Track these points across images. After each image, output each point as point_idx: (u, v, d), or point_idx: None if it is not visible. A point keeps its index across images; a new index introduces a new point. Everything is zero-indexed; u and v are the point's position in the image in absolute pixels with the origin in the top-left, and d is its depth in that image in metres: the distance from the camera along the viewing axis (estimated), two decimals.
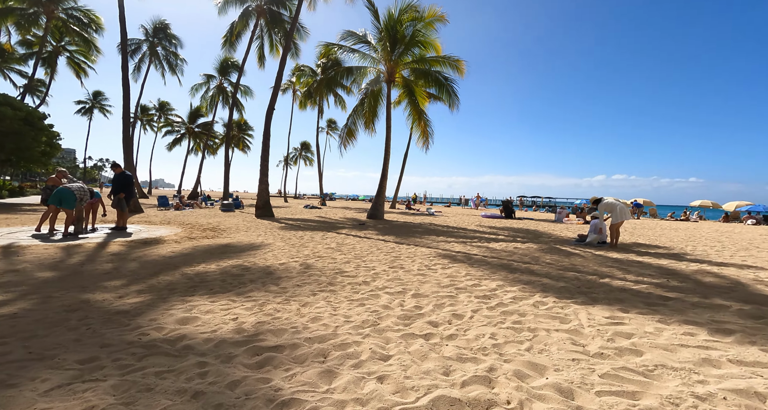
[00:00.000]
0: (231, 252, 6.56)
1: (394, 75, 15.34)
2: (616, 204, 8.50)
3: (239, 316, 3.19)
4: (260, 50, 23.67)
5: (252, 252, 6.59)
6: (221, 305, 3.52)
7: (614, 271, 5.65)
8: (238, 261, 5.71)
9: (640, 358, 2.47)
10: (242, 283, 4.40)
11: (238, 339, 2.66)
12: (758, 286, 4.82)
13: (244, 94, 33.69)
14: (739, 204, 24.56)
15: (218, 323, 3.01)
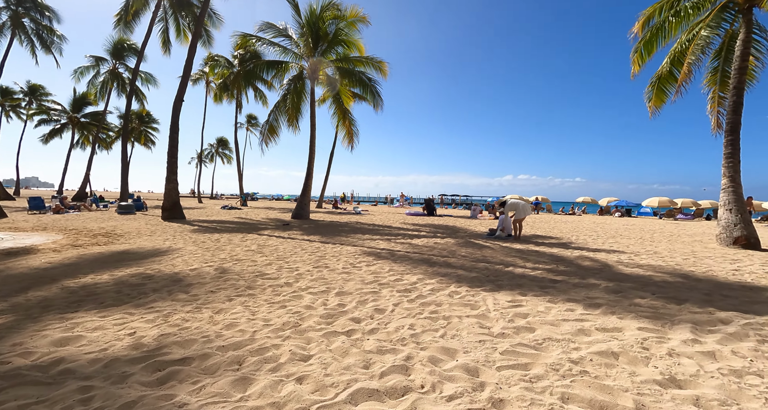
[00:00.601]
0: (129, 259, 5.76)
1: (317, 72, 15.07)
2: (519, 203, 9.61)
3: (138, 330, 2.82)
4: (164, 34, 21.15)
5: (157, 258, 5.88)
6: (114, 319, 3.07)
7: (517, 260, 6.38)
8: (138, 269, 5.04)
9: (532, 334, 2.85)
10: (143, 293, 3.90)
11: (136, 356, 2.36)
12: (619, 267, 5.91)
13: (146, 82, 29.71)
14: (610, 200, 29.73)
15: (110, 340, 2.63)
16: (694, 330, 2.98)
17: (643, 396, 1.95)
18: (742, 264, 6.32)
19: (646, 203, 27.93)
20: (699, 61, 9.74)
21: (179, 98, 13.24)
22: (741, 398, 1.96)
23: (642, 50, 10.31)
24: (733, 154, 8.82)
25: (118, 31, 20.46)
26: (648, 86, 10.66)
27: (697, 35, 9.50)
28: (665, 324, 3.12)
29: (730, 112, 8.98)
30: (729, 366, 2.33)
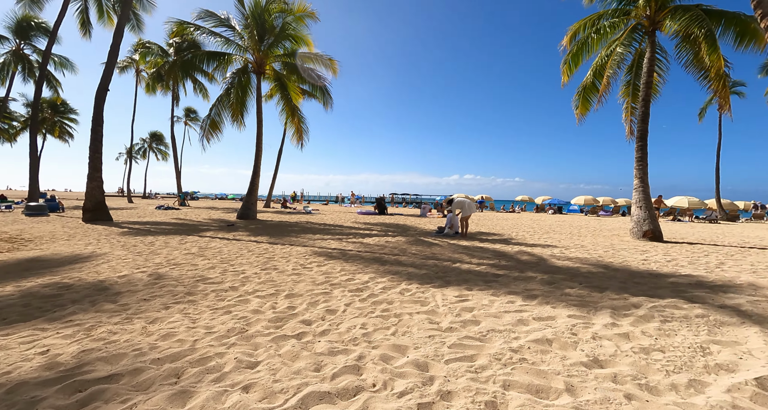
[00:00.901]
0: (41, 267, 5.06)
1: (264, 67, 14.43)
2: (465, 201, 10.09)
3: (52, 348, 2.48)
4: (83, 15, 18.83)
5: (77, 265, 5.23)
6: (21, 338, 2.68)
7: (463, 256, 6.69)
8: (53, 278, 4.44)
9: (477, 327, 3.01)
10: (59, 305, 3.44)
11: (49, 377, 2.07)
12: (553, 260, 6.48)
13: (60, 67, 26.11)
14: (544, 198, 32.42)
15: (15, 361, 2.28)
16: (612, 315, 3.36)
17: (572, 378, 2.15)
18: (649, 255, 7.27)
19: (574, 201, 30.91)
20: (616, 75, 11.01)
21: (103, 87, 11.88)
22: (648, 372, 2.25)
23: (570, 62, 11.38)
24: (642, 158, 10.10)
25: (23, 7, 17.79)
26: (575, 95, 11.80)
27: (613, 52, 10.71)
28: (590, 311, 3.48)
29: (639, 121, 10.26)
30: (639, 345, 2.66)
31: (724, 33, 9.39)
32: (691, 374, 2.23)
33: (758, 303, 3.83)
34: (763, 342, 2.72)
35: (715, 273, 5.51)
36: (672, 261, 6.53)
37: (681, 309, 3.59)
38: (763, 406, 1.88)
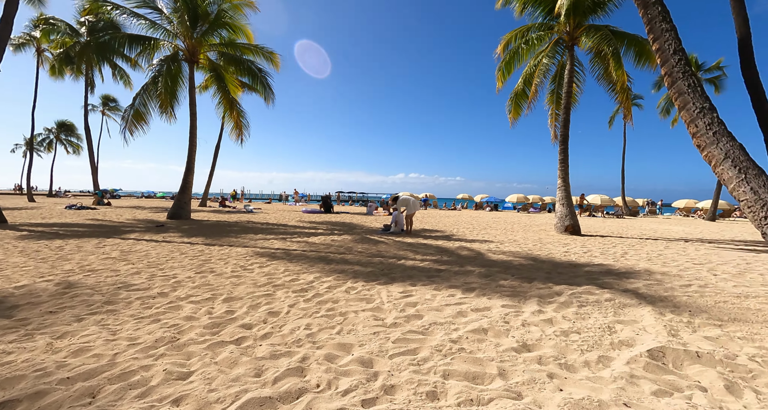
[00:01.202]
0: None
1: (197, 55, 13.35)
2: (410, 199, 10.37)
3: None
4: None
5: None
6: None
7: (408, 253, 6.87)
8: None
9: (420, 321, 3.12)
10: None
11: None
12: (489, 254, 6.94)
13: None
14: (482, 196, 34.57)
15: None
16: (539, 303, 3.70)
17: (504, 363, 2.33)
18: (570, 247, 8.13)
19: (508, 199, 33.42)
20: (542, 84, 12.11)
21: None
22: (567, 352, 2.53)
23: (503, 69, 12.27)
24: (564, 160, 11.24)
25: None
26: (508, 100, 12.74)
27: (540, 62, 11.77)
28: (521, 300, 3.80)
29: (561, 126, 11.41)
30: (560, 328, 2.97)
31: (627, 52, 10.84)
32: (600, 351, 2.55)
33: (651, 286, 4.50)
34: (654, 319, 3.20)
35: (620, 262, 6.34)
36: (588, 252, 7.38)
37: (594, 294, 4.07)
38: (652, 373, 2.22)
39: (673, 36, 4.14)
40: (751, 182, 3.45)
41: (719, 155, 3.67)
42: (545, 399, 1.90)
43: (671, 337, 2.77)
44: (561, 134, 11.37)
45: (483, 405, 1.84)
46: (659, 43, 4.24)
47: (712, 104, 3.90)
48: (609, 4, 10.88)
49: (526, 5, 11.61)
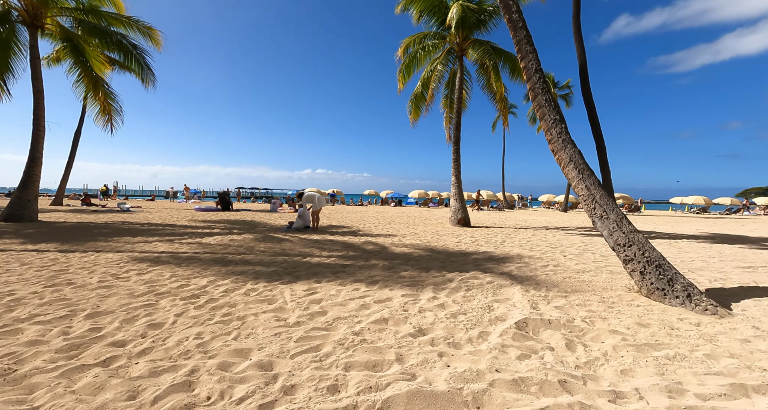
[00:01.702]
0: None
1: (42, 19, 10.69)
2: (315, 195, 10.22)
3: None
4: None
5: None
6: None
7: (314, 250, 6.78)
8: None
9: (324, 317, 3.13)
10: None
11: None
12: (392, 247, 7.32)
13: None
14: (388, 192, 36.12)
15: None
16: (434, 290, 4.07)
17: (401, 348, 2.51)
18: (461, 238, 9.11)
19: (411, 194, 35.63)
20: (438, 88, 13.23)
21: None
22: (455, 331, 2.85)
23: (404, 72, 13.00)
24: (457, 159, 12.50)
25: None
26: (409, 102, 13.56)
27: (435, 68, 12.83)
28: (419, 289, 4.11)
29: (454, 128, 12.65)
30: (450, 311, 3.33)
31: (504, 66, 12.57)
32: (481, 327, 2.94)
33: (521, 268, 5.37)
34: (522, 296, 3.83)
35: (499, 249, 7.38)
36: (475, 242, 8.38)
37: (478, 278, 4.66)
38: (518, 341, 2.66)
39: (535, 57, 4.98)
40: (585, 181, 4.41)
41: (566, 159, 4.59)
42: (435, 376, 2.12)
43: (532, 309, 3.35)
44: (454, 136, 12.59)
45: (381, 391, 1.95)
46: (525, 62, 5.05)
47: (563, 116, 4.81)
48: (489, 23, 12.43)
49: (423, 13, 12.46)
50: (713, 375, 2.18)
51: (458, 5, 10.66)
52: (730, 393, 1.97)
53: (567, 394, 1.94)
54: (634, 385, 2.05)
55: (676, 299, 3.57)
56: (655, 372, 2.22)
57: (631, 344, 2.61)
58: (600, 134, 10.38)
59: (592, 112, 10.34)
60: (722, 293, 4.12)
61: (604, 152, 10.40)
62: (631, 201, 30.96)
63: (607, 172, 10.40)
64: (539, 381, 2.06)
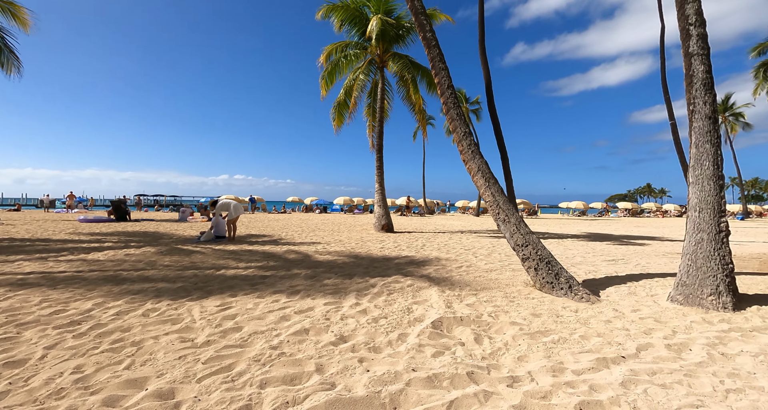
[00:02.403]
0: None
1: None
2: (231, 203, 9.51)
3: None
4: None
5: None
6: None
7: (229, 262, 6.29)
8: None
9: (239, 333, 2.92)
10: None
11: None
12: (316, 255, 7.18)
13: None
14: (312, 199, 35.38)
15: None
16: (357, 296, 4.10)
17: (322, 358, 2.47)
18: (385, 243, 9.36)
19: (336, 201, 35.44)
20: (360, 97, 13.51)
21: None
22: (376, 336, 2.92)
23: (326, 78, 13.00)
24: (380, 167, 12.87)
25: None
26: (332, 109, 13.57)
27: (357, 77, 13.11)
28: (342, 296, 4.10)
29: (377, 137, 13.03)
30: (372, 316, 3.40)
31: (422, 80, 13.41)
32: (400, 330, 3.06)
33: (438, 270, 5.73)
34: (438, 296, 4.09)
35: (420, 253, 7.77)
36: (398, 247, 8.69)
37: (399, 282, 4.84)
38: (433, 340, 2.84)
39: (447, 74, 5.45)
40: (491, 188, 4.95)
41: (475, 168, 5.08)
42: (354, 383, 2.14)
43: (447, 308, 3.60)
44: (377, 144, 12.94)
45: (298, 404, 1.90)
46: (438, 78, 5.49)
47: (472, 129, 5.33)
48: (407, 38, 13.19)
49: (344, 23, 12.67)
50: (585, 352, 2.61)
51: (378, 19, 11.08)
52: (596, 366, 2.38)
53: (474, 384, 2.13)
54: (527, 369, 2.34)
55: (561, 291, 4.18)
56: (543, 355, 2.57)
57: (527, 333, 2.98)
58: (504, 146, 11.70)
59: (497, 126, 11.62)
60: (594, 283, 4.95)
61: (507, 162, 11.73)
62: (530, 206, 35.35)
63: (509, 180, 11.73)
64: (450, 375, 2.21)
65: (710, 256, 3.82)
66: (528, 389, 2.09)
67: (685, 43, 4.17)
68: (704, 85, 4.05)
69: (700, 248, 3.90)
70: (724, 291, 3.70)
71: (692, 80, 4.11)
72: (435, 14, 12.49)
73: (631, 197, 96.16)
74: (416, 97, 12.64)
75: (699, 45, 4.07)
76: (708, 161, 3.98)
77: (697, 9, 4.11)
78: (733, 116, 37.10)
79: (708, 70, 4.06)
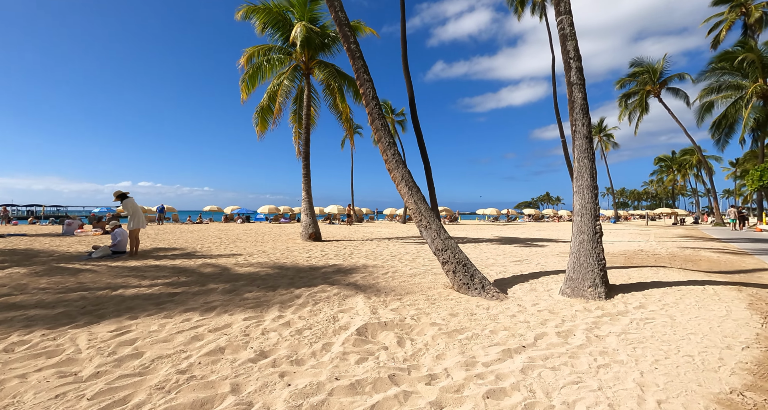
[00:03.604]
0: None
1: None
2: (138, 210, 8.39)
3: None
4: None
5: None
6: None
7: (130, 280, 5.52)
8: None
9: (139, 360, 2.58)
10: None
11: None
12: (236, 268, 6.71)
13: None
14: (233, 208, 32.98)
15: None
16: (280, 309, 3.93)
17: (239, 377, 2.32)
18: (312, 252, 9.15)
19: (260, 210, 33.60)
20: (285, 103, 13.15)
21: None
22: (299, 348, 2.83)
23: (248, 81, 12.40)
24: (307, 174, 12.61)
25: None
26: (255, 113, 12.95)
27: (282, 83, 12.75)
28: (263, 310, 3.89)
29: (303, 144, 12.78)
30: (296, 328, 3.29)
31: (349, 89, 13.60)
32: (325, 339, 3.02)
33: (365, 277, 5.80)
34: (364, 303, 4.14)
35: (348, 261, 7.77)
36: (325, 256, 8.56)
37: (326, 291, 4.77)
38: (358, 347, 2.86)
39: (371, 86, 5.64)
40: (414, 196, 5.22)
41: (399, 177, 5.32)
42: (274, 399, 2.05)
43: (372, 315, 3.67)
44: (303, 151, 12.68)
45: None
46: (363, 89, 5.65)
47: (397, 140, 5.58)
48: (333, 47, 13.30)
49: (267, 26, 12.27)
50: (494, 345, 2.89)
51: (302, 26, 10.96)
52: (501, 357, 2.65)
53: (395, 386, 2.20)
54: (444, 366, 2.50)
55: (475, 291, 4.56)
56: (459, 352, 2.77)
57: (445, 332, 3.18)
58: (426, 156, 12.42)
59: (420, 137, 12.31)
60: (503, 282, 5.51)
61: (430, 171, 12.48)
62: (451, 213, 37.89)
63: (432, 188, 12.48)
64: (373, 379, 2.26)
65: (590, 254, 4.56)
66: (444, 384, 2.23)
67: (568, 74, 4.97)
68: (582, 110, 4.86)
69: (582, 247, 4.63)
70: (600, 283, 4.43)
71: (573, 105, 4.91)
72: (359, 27, 12.81)
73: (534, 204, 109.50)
74: (343, 106, 12.76)
75: (577, 76, 4.89)
76: (587, 173, 4.76)
77: (575, 46, 4.94)
78: (606, 136, 44.96)
79: (585, 97, 4.89)
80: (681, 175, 55.29)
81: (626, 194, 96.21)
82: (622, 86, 30.32)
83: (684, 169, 54.02)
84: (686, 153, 51.65)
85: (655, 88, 28.19)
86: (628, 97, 30.19)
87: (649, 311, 3.94)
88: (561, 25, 5.01)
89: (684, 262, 8.04)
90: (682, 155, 53.26)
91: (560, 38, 5.06)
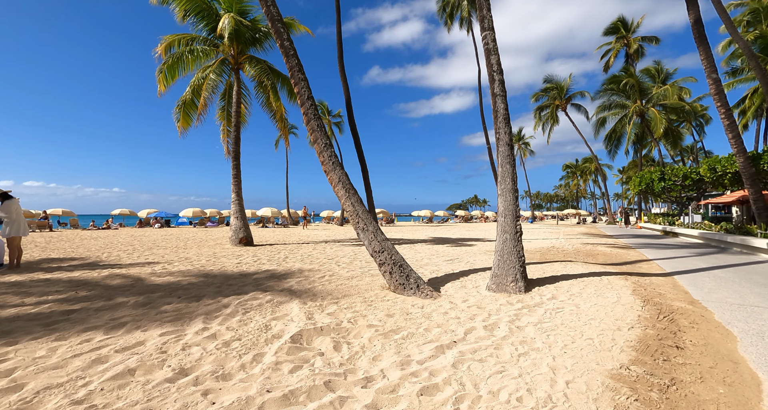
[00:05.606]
0: None
1: None
2: (20, 214, 7.03)
3: None
4: None
5: None
6: None
7: (9, 298, 4.60)
8: None
9: (16, 394, 2.14)
10: None
11: None
12: (152, 278, 5.99)
13: None
14: (149, 211, 29.52)
15: None
16: (205, 320, 3.60)
17: (152, 401, 2.06)
18: (243, 258, 8.59)
19: (183, 213, 30.60)
20: (212, 98, 12.17)
21: None
22: (226, 362, 2.62)
23: (166, 72, 11.19)
24: (237, 175, 11.83)
25: None
26: (176, 108, 11.77)
27: (208, 76, 11.80)
28: (184, 323, 3.53)
29: (233, 143, 11.98)
30: (223, 340, 3.04)
31: (283, 88, 13.07)
32: (256, 350, 2.84)
33: (301, 282, 5.61)
34: (299, 309, 3.99)
35: (282, 265, 7.44)
36: (258, 261, 8.09)
37: (257, 298, 4.50)
38: (292, 355, 2.74)
39: (306, 85, 5.50)
40: (351, 198, 5.20)
41: (335, 179, 5.26)
42: None
43: (308, 320, 3.55)
44: (233, 150, 11.87)
45: None
46: (298, 88, 5.48)
47: (334, 141, 5.50)
48: (265, 43, 12.68)
49: (188, 14, 11.25)
50: (428, 343, 2.99)
51: (230, 17, 10.27)
52: (435, 354, 2.76)
53: (330, 393, 2.15)
54: (380, 367, 2.52)
55: (411, 290, 4.69)
56: (395, 351, 2.82)
57: (382, 333, 3.21)
58: (363, 158, 12.50)
59: (357, 139, 12.35)
60: (437, 281, 5.76)
61: (367, 173, 12.58)
62: (387, 215, 38.64)
63: (369, 190, 12.59)
64: (308, 388, 2.18)
65: (512, 251, 4.99)
66: (380, 386, 2.25)
67: (492, 85, 5.40)
68: (504, 119, 5.32)
69: (505, 245, 5.05)
70: (520, 278, 4.88)
71: (497, 115, 5.34)
72: (293, 24, 12.43)
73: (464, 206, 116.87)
74: (277, 105, 12.23)
75: (500, 88, 5.34)
76: (509, 177, 5.21)
77: (497, 60, 5.39)
78: (524, 144, 50.05)
79: (506, 107, 5.36)
80: (583, 180, 63.90)
81: (541, 196, 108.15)
82: (537, 100, 34.17)
83: (585, 175, 62.56)
84: (587, 161, 59.85)
85: (562, 103, 32.28)
86: (542, 110, 34.13)
87: (559, 301, 4.44)
88: (485, 40, 5.43)
89: (586, 256, 9.25)
90: (584, 163, 61.61)
91: (485, 52, 5.48)
